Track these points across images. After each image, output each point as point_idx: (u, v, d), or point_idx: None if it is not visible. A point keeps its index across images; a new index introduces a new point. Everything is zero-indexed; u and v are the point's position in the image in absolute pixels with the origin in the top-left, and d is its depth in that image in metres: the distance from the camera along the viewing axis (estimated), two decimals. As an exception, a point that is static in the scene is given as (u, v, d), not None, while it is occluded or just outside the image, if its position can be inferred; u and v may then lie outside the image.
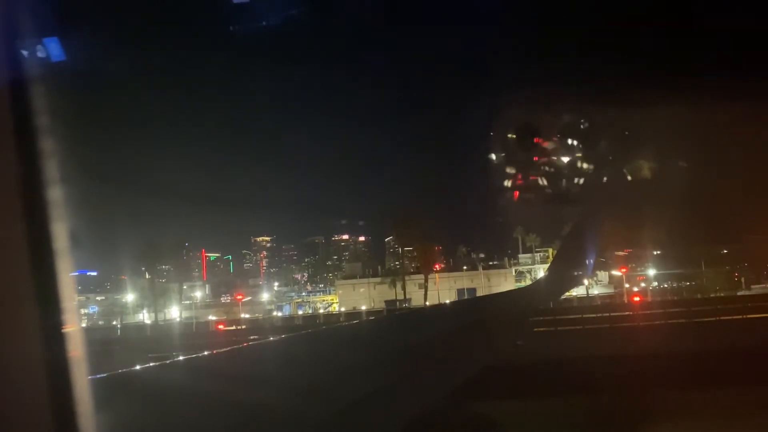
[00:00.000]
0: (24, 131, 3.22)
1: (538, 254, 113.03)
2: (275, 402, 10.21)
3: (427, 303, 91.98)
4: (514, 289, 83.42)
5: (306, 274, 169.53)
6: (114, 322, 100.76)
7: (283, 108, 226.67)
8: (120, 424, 6.37)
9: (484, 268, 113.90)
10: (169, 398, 8.10)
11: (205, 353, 14.91)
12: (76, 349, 3.17)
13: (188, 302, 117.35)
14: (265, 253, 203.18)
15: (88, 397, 3.17)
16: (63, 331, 3.15)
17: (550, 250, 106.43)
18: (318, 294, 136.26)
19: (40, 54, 4.58)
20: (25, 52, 3.42)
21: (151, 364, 11.95)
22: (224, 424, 8.80)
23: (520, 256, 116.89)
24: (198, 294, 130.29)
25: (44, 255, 3.15)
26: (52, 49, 5.83)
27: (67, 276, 3.21)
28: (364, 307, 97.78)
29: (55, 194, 3.25)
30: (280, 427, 10.31)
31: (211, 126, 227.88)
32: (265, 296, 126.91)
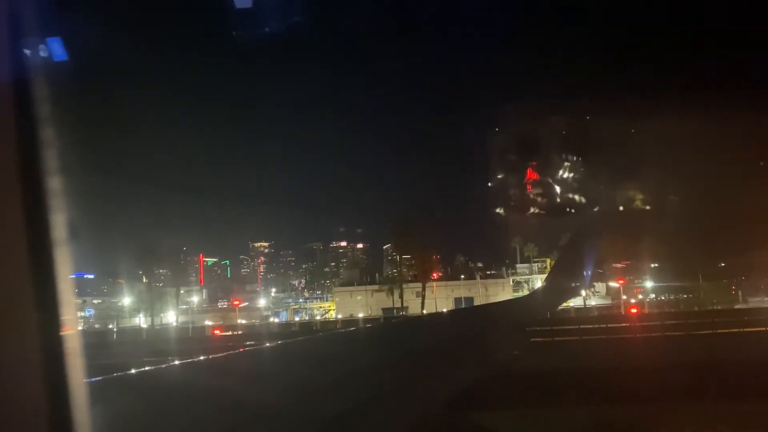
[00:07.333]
0: (26, 131, 3.20)
1: (536, 264, 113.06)
2: (271, 404, 10.18)
3: (424, 311, 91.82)
4: (512, 299, 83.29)
5: (303, 281, 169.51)
6: (110, 326, 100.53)
7: (285, 114, 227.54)
8: (116, 425, 6.34)
9: (481, 278, 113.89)
10: (166, 400, 8.08)
11: (201, 357, 14.87)
12: (74, 352, 3.15)
13: (185, 307, 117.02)
14: (262, 258, 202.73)
15: (84, 399, 3.15)
16: (61, 333, 3.13)
17: (548, 261, 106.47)
18: (315, 300, 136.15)
19: (43, 53, 4.57)
20: (27, 51, 3.42)
21: (147, 368, 11.91)
22: (222, 424, 8.77)
23: (518, 266, 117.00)
24: (195, 299, 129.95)
25: (44, 258, 3.13)
26: (54, 48, 5.82)
27: (66, 278, 3.19)
28: (361, 315, 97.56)
29: (55, 196, 3.24)
30: (276, 428, 10.30)
31: (212, 130, 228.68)
32: (262, 302, 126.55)
